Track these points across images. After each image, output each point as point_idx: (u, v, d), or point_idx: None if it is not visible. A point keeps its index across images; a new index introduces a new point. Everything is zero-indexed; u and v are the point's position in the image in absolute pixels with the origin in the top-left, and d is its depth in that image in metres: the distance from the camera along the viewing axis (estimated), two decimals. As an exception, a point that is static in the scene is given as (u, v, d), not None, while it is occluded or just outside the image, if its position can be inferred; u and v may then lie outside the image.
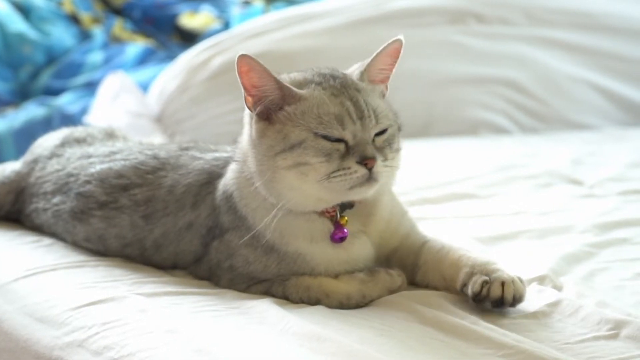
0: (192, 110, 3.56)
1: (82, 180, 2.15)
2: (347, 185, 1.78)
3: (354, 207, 1.89)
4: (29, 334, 1.84)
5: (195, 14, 4.41)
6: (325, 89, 1.83)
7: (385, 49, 1.86)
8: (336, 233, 1.86)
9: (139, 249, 2.07)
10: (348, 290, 1.84)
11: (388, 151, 1.82)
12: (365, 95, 1.83)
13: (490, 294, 1.76)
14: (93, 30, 4.30)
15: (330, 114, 1.80)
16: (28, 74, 4.10)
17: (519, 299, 1.77)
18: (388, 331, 1.70)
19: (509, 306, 1.77)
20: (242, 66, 1.82)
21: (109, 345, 1.71)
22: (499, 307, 1.77)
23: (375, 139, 1.82)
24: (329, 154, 1.78)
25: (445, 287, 1.86)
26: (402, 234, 1.95)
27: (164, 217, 2.03)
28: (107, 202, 2.10)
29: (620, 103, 3.92)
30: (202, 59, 3.61)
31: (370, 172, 1.77)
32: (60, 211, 2.18)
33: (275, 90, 1.82)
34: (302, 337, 1.66)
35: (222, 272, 1.95)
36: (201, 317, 1.78)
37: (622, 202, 2.57)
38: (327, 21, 3.74)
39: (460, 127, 3.67)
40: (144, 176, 2.08)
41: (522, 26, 3.91)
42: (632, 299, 1.85)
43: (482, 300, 1.77)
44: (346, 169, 1.77)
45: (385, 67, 1.88)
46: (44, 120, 3.68)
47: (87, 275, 2.00)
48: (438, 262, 1.88)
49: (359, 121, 1.80)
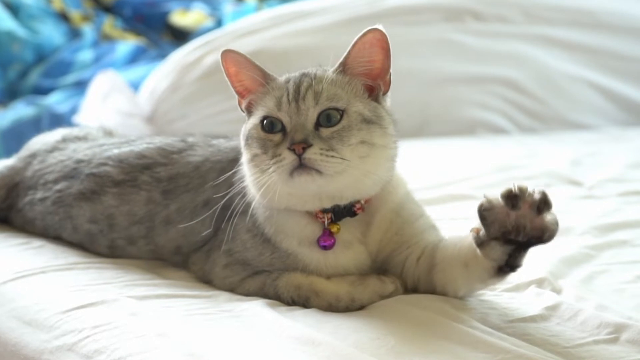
0: (183, 109, 3.57)
1: (97, 162, 2.18)
2: (284, 174, 1.74)
3: (357, 216, 1.87)
4: (18, 338, 1.82)
5: (187, 11, 4.42)
6: (288, 80, 1.83)
7: (360, 39, 1.80)
8: (322, 240, 1.85)
9: (147, 227, 2.08)
10: (337, 291, 1.82)
11: (336, 142, 1.76)
12: (317, 81, 1.80)
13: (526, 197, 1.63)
14: (83, 28, 4.31)
15: (273, 97, 1.81)
16: (17, 72, 4.10)
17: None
18: (384, 335, 1.68)
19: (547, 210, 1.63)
20: (230, 67, 1.84)
21: (100, 349, 1.69)
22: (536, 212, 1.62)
23: (322, 129, 1.77)
24: (264, 145, 1.78)
25: (466, 276, 1.78)
26: (409, 236, 1.90)
27: (184, 193, 2.05)
28: (124, 181, 2.13)
29: (620, 102, 3.94)
30: (193, 58, 3.62)
31: (300, 159, 1.73)
32: (63, 196, 2.18)
33: (260, 85, 1.84)
34: (295, 341, 1.65)
35: (218, 257, 1.95)
36: (193, 320, 1.77)
37: (622, 204, 2.57)
38: (321, 19, 3.75)
39: (457, 127, 3.68)
40: (170, 156, 2.12)
41: (520, 24, 3.92)
42: (632, 302, 1.84)
43: (516, 203, 1.62)
44: (277, 156, 1.75)
45: (367, 59, 1.82)
46: (33, 120, 3.68)
47: (77, 278, 2.00)
48: (457, 252, 1.79)
49: (294, 102, 1.78)
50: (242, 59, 1.84)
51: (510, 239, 1.66)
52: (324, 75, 1.82)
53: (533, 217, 1.62)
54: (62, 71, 4.10)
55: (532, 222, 1.63)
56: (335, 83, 1.81)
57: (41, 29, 4.19)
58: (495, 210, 1.65)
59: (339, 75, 1.82)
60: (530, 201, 1.62)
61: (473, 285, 1.80)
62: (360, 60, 1.82)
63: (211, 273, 1.97)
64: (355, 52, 1.82)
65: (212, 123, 3.45)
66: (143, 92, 3.67)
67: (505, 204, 1.63)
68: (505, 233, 1.65)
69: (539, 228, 1.63)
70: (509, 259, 1.68)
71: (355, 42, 1.81)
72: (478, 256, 1.71)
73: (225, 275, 1.94)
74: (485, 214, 1.66)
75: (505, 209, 1.63)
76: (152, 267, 2.08)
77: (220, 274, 1.95)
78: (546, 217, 1.62)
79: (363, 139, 1.78)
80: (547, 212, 1.62)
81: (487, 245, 1.69)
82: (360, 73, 1.83)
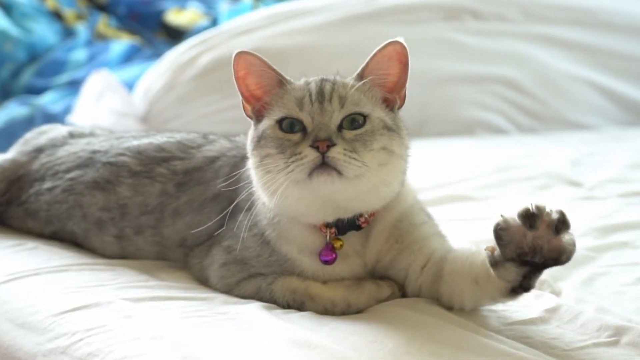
0: (178, 109, 3.56)
1: (114, 152, 2.20)
2: (302, 174, 1.72)
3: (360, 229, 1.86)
4: (11, 340, 1.81)
5: (182, 10, 4.42)
6: (308, 83, 1.83)
7: (380, 50, 1.81)
8: (323, 254, 1.84)
9: (156, 218, 2.09)
10: (333, 296, 1.82)
11: (359, 145, 1.75)
12: (339, 86, 1.80)
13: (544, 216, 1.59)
14: (77, 27, 4.31)
15: (293, 98, 1.79)
16: (9, 72, 4.10)
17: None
18: (381, 338, 1.66)
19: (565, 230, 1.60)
20: (240, 70, 1.82)
21: (94, 352, 1.68)
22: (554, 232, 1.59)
23: (345, 131, 1.76)
24: (281, 145, 1.76)
25: (475, 292, 1.75)
26: (410, 243, 1.88)
27: (196, 186, 2.07)
28: (140, 172, 2.15)
29: (620, 102, 3.94)
30: (189, 57, 3.61)
31: (324, 157, 1.71)
32: (74, 184, 2.20)
33: (275, 87, 1.83)
34: (292, 344, 1.63)
35: (218, 253, 1.95)
36: (188, 323, 1.76)
37: (623, 205, 2.57)
38: (318, 18, 3.74)
39: (456, 127, 3.68)
40: (188, 151, 2.14)
41: (519, 23, 3.93)
42: (632, 305, 1.83)
43: (534, 223, 1.59)
44: (298, 154, 1.73)
45: (384, 71, 1.83)
46: (25, 120, 3.67)
47: (71, 280, 1.98)
48: (468, 268, 1.76)
49: (317, 103, 1.77)
50: (258, 61, 1.82)
51: (526, 260, 1.63)
52: (346, 82, 1.82)
53: (550, 237, 1.59)
54: (56, 70, 4.09)
55: (550, 243, 1.60)
56: (358, 89, 1.81)
57: (34, 28, 4.18)
58: (511, 230, 1.61)
59: (356, 82, 1.82)
60: (548, 221, 1.59)
61: (482, 302, 1.77)
62: (378, 71, 1.82)
63: (209, 269, 1.97)
64: (374, 64, 1.82)
65: (207, 123, 3.44)
66: (137, 91, 3.67)
67: (522, 223, 1.60)
68: (522, 254, 1.62)
69: (557, 249, 1.60)
70: (523, 280, 1.66)
71: (375, 53, 1.81)
72: (491, 275, 1.68)
73: (222, 275, 1.94)
74: (502, 234, 1.62)
75: (522, 229, 1.60)
76: (146, 268, 2.07)
77: (217, 272, 1.94)
78: (564, 237, 1.60)
79: (384, 145, 1.77)
80: (565, 233, 1.60)
81: (502, 266, 1.65)
82: (377, 84, 1.83)
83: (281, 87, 1.83)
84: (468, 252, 1.79)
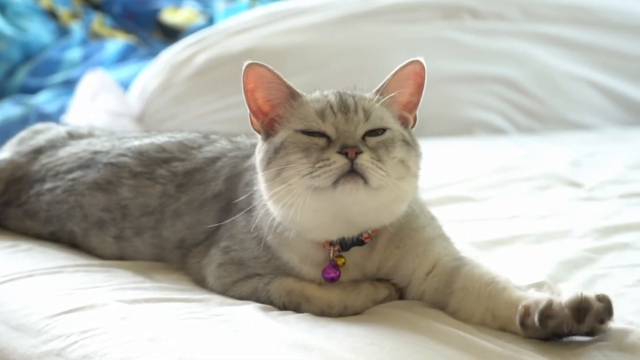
0: (174, 109, 3.57)
1: (116, 153, 2.21)
2: (329, 180, 1.71)
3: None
4: (5, 343, 1.80)
5: (178, 9, 4.42)
6: (325, 95, 1.83)
7: (401, 69, 1.83)
8: (327, 272, 1.84)
9: (156, 219, 2.10)
10: (330, 298, 1.82)
11: (383, 153, 1.75)
12: (359, 98, 1.81)
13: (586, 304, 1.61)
14: (71, 26, 4.31)
15: (312, 109, 1.78)
16: (3, 71, 4.10)
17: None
18: (379, 340, 1.66)
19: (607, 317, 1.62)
20: (249, 82, 1.81)
21: (88, 354, 1.68)
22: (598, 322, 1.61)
23: (368, 138, 1.76)
24: (307, 148, 1.74)
25: (487, 320, 1.73)
26: (412, 247, 1.86)
27: (196, 186, 2.08)
28: (141, 173, 2.16)
29: (620, 102, 3.95)
30: (185, 56, 3.61)
31: (352, 164, 1.70)
32: (75, 185, 2.20)
33: (287, 100, 1.81)
34: (289, 346, 1.63)
35: (216, 253, 1.95)
36: (184, 324, 1.75)
37: (623, 205, 2.56)
38: (315, 17, 3.74)
39: (455, 127, 3.68)
40: (188, 152, 2.15)
41: (518, 22, 3.94)
42: (633, 307, 1.81)
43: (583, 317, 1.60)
44: (325, 160, 1.72)
45: (404, 89, 1.84)
46: (20, 120, 3.66)
47: (65, 282, 1.98)
48: (488, 297, 1.73)
49: (340, 114, 1.77)
50: (268, 73, 1.81)
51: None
52: (366, 95, 1.83)
53: (595, 325, 1.61)
54: (50, 70, 4.09)
55: (591, 328, 1.61)
56: (378, 105, 1.81)
57: (28, 27, 4.18)
58: (558, 319, 1.61)
59: (376, 97, 1.82)
60: (596, 313, 1.60)
61: (489, 326, 1.74)
62: (400, 89, 1.83)
63: (206, 269, 1.97)
64: (394, 82, 1.83)
65: (203, 123, 3.44)
66: (133, 91, 3.67)
67: (571, 315, 1.60)
68: (558, 335, 1.63)
69: (593, 332, 1.62)
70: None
71: (396, 71, 1.83)
72: (514, 324, 1.66)
73: (219, 275, 1.93)
74: (548, 323, 1.62)
75: (570, 320, 1.60)
76: (142, 269, 2.07)
77: (214, 272, 1.94)
78: (607, 325, 1.62)
79: (403, 158, 1.78)
80: (609, 321, 1.61)
81: (532, 330, 1.64)
82: (395, 101, 1.84)
83: (294, 99, 1.82)
84: (487, 276, 1.76)
